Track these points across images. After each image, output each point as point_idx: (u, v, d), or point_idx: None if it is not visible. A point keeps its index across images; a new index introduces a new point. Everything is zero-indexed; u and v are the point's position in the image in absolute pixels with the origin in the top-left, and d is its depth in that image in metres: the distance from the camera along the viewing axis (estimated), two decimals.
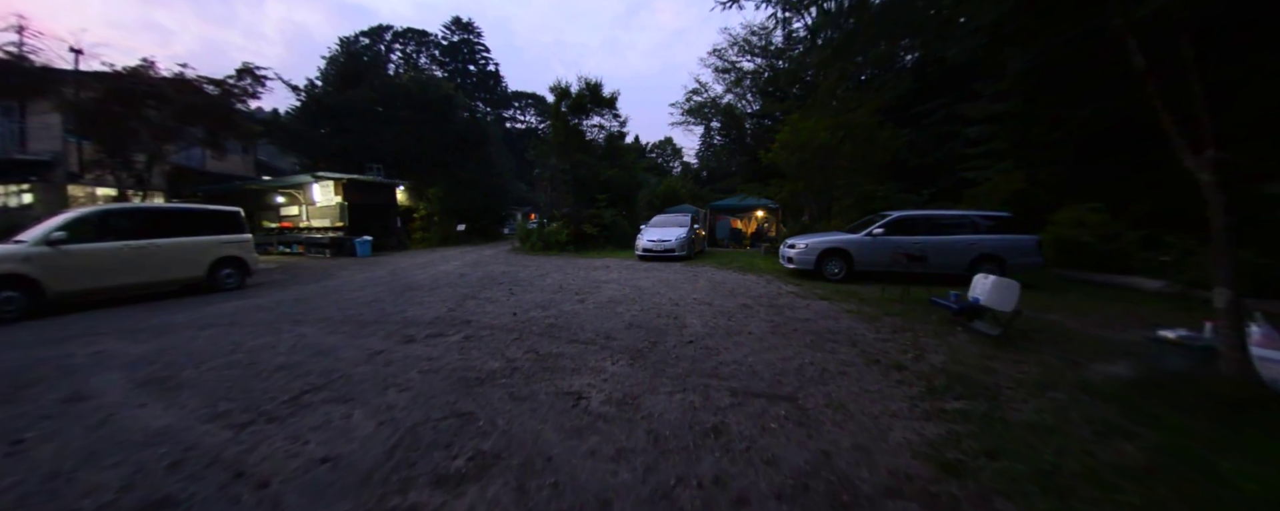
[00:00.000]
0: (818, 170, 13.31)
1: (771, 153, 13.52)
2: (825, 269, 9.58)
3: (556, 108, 22.51)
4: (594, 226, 17.78)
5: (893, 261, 8.32)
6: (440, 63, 60.60)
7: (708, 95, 33.53)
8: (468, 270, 12.11)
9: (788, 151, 12.83)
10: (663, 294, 7.98)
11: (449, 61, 61.77)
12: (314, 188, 18.73)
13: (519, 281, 9.83)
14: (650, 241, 13.94)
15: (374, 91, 26.09)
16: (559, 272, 11.25)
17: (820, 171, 13.32)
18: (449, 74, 58.81)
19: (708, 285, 9.02)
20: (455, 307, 6.93)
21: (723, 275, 10.59)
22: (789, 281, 9.47)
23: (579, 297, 7.66)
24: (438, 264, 14.02)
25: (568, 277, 10.28)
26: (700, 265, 12.69)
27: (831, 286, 8.86)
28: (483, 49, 64.34)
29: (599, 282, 9.44)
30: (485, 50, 64.59)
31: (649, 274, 10.78)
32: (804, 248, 9.69)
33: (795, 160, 12.80)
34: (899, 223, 9.60)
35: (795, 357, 4.40)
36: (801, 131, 12.48)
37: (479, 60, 64.51)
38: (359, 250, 17.66)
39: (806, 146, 12.54)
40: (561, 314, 6.38)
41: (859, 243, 9.49)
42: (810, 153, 12.58)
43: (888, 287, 8.24)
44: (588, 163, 21.06)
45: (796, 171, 13.26)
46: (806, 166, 12.99)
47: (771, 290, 8.42)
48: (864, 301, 7.40)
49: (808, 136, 12.38)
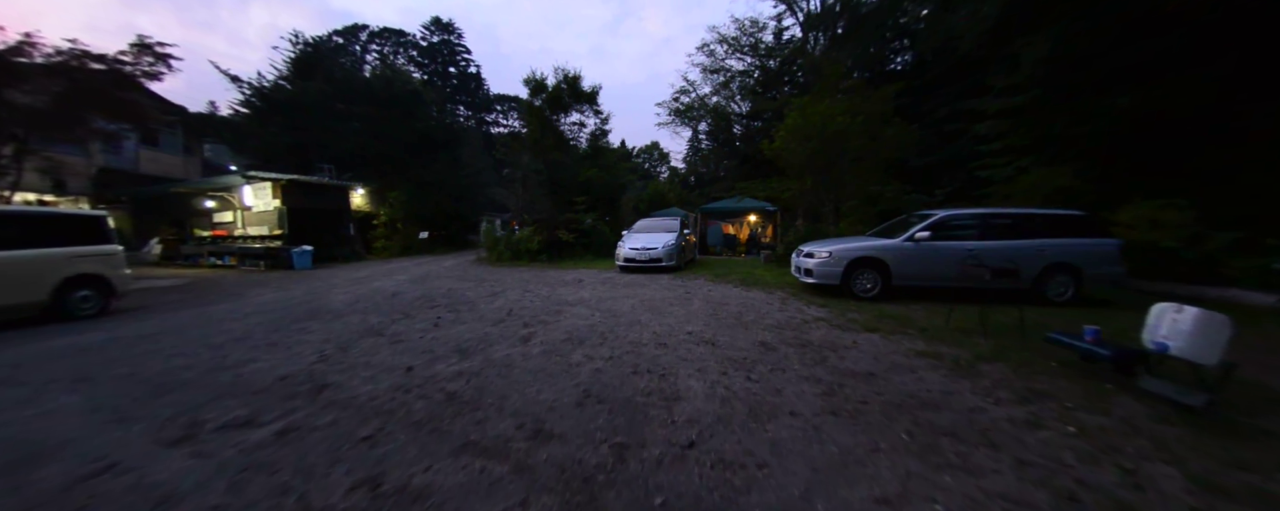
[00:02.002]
0: (827, 164, 11.25)
1: (775, 143, 11.38)
2: (854, 284, 7.44)
3: (531, 102, 20.32)
4: (570, 233, 15.53)
5: (964, 275, 6.20)
6: (419, 64, 58.38)
7: (696, 94, 31.62)
8: (406, 287, 9.79)
9: (796, 140, 10.71)
10: (645, 323, 5.76)
11: (428, 63, 59.56)
12: (245, 190, 16.26)
13: (459, 304, 7.54)
14: (633, 250, 11.74)
15: (331, 85, 23.68)
16: (518, 290, 8.97)
17: (831, 166, 11.25)
18: (428, 76, 56.80)
19: (705, 308, 6.82)
20: (333, 354, 4.64)
21: (722, 291, 8.41)
22: (809, 300, 7.31)
23: (526, 333, 5.40)
24: (378, 279, 11.67)
25: (525, 298, 8.01)
26: (692, 277, 10.51)
27: (868, 308, 6.70)
28: (463, 50, 62.16)
29: (562, 305, 7.19)
30: (466, 52, 62.40)
31: (629, 291, 8.56)
32: (827, 257, 7.53)
33: (805, 151, 10.69)
34: (947, 224, 7.50)
35: (903, 488, 2.20)
36: (812, 116, 10.37)
37: (459, 62, 62.32)
38: (296, 262, 15.22)
39: (817, 134, 10.43)
40: (485, 367, 4.12)
41: (898, 250, 7.37)
42: (823, 142, 10.48)
43: (953, 309, 6.09)
44: (565, 162, 18.86)
45: (805, 165, 11.17)
46: (816, 159, 10.90)
47: (792, 315, 6.24)
48: (929, 334, 5.24)
49: (820, 121, 10.27)
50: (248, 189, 16.23)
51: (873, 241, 7.71)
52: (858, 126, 10.46)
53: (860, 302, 7.16)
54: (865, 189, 13.25)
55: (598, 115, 22.33)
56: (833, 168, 11.13)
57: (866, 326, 5.53)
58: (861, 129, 11.08)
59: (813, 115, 10.37)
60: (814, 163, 10.97)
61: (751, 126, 30.57)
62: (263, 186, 16.79)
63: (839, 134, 10.35)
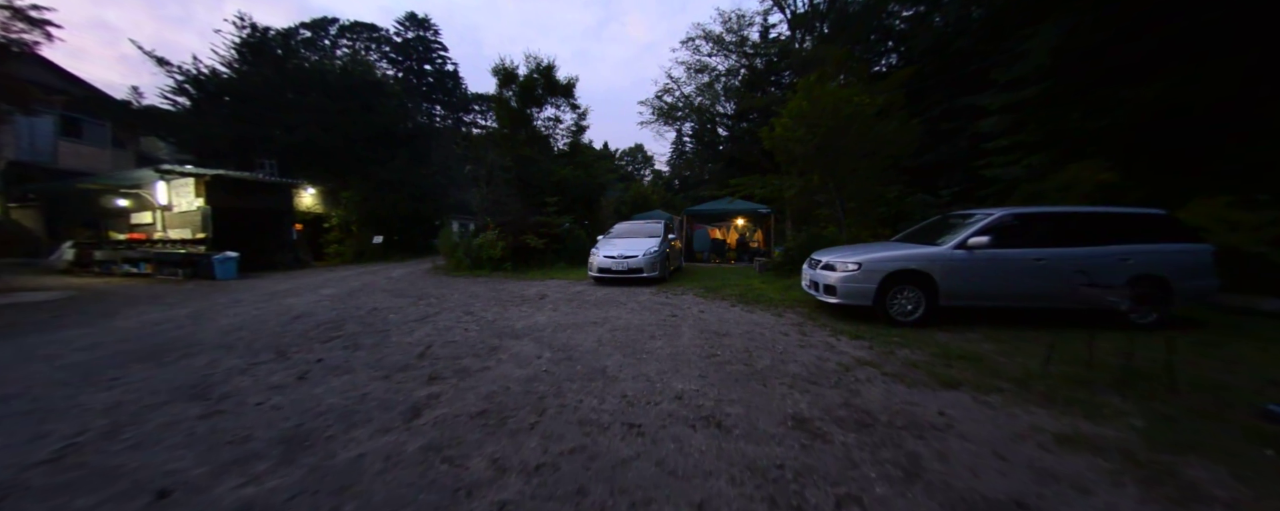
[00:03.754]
0: (836, 157, 9.56)
1: (776, 131, 9.60)
2: (890, 304, 5.70)
3: (500, 94, 18.41)
4: (540, 237, 13.62)
5: (1076, 296, 4.49)
6: (393, 61, 55.98)
7: (680, 93, 30.06)
8: (322, 306, 7.81)
9: (803, 126, 8.96)
10: (613, 375, 3.92)
11: (403, 60, 57.14)
12: (159, 187, 14.02)
13: (365, 335, 5.61)
14: (609, 258, 9.89)
15: (281, 73, 21.47)
16: (457, 311, 7.06)
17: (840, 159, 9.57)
18: (403, 73, 54.60)
19: (699, 342, 4.99)
20: (75, 448, 2.72)
21: (718, 312, 6.61)
22: (834, 327, 5.54)
23: (423, 396, 3.50)
24: (301, 293, 9.65)
25: (459, 325, 6.11)
26: (679, 291, 8.70)
27: (918, 340, 4.94)
28: (439, 48, 59.75)
29: (504, 338, 5.31)
30: (442, 49, 59.99)
31: (600, 313, 6.70)
32: (855, 270, 5.77)
33: (813, 140, 8.94)
34: (1010, 226, 5.82)
35: None
36: (823, 97, 8.61)
37: (435, 60, 59.93)
38: (217, 271, 13.04)
39: (828, 120, 8.70)
40: (299, 494, 2.25)
41: (947, 260, 5.65)
42: (835, 128, 8.75)
43: (1053, 347, 4.37)
44: (537, 160, 16.95)
45: (812, 157, 9.44)
46: (825, 151, 9.18)
47: (821, 355, 4.45)
48: (1034, 388, 3.49)
49: (832, 103, 8.53)
50: (162, 185, 14.00)
51: (910, 249, 5.98)
52: (874, 111, 8.78)
53: (902, 330, 5.42)
54: (871, 189, 11.62)
55: (575, 110, 20.52)
56: (841, 162, 9.44)
57: (938, 376, 3.77)
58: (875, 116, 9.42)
59: (823, 97, 8.63)
60: (822, 155, 9.25)
61: (738, 127, 29.17)
62: (184, 183, 14.56)
63: (853, 119, 8.66)
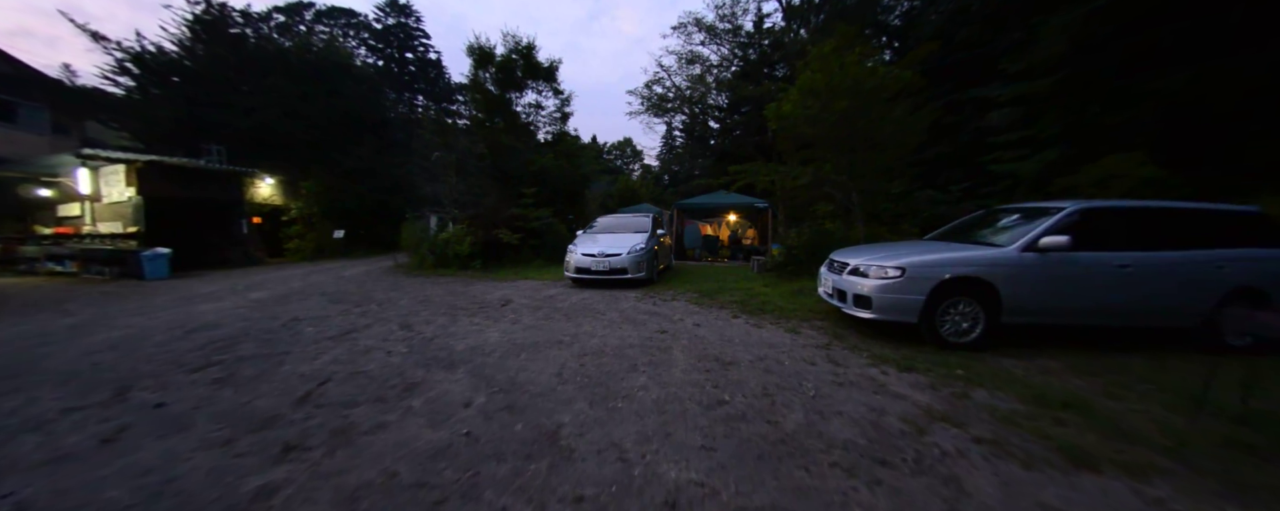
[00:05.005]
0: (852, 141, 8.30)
1: (784, 108, 8.22)
2: (941, 321, 4.45)
3: (475, 76, 16.91)
4: (514, 233, 12.24)
5: (1226, 325, 3.32)
6: (373, 48, 53.99)
7: (671, 82, 28.75)
8: (232, 317, 6.40)
9: (817, 103, 7.61)
10: (571, 443, 2.60)
11: (383, 47, 55.08)
12: (79, 174, 12.38)
13: (256, 358, 4.23)
14: (588, 256, 8.55)
15: (239, 53, 19.75)
16: (393, 323, 5.69)
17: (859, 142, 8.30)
18: (384, 62, 52.72)
19: (697, 375, 3.69)
20: None
21: (718, 326, 5.33)
22: (871, 352, 4.25)
23: (258, 491, 2.18)
24: (225, 296, 8.22)
25: (384, 345, 4.75)
26: (669, 296, 7.41)
27: (990, 372, 3.67)
28: (421, 35, 57.67)
29: (433, 367, 3.97)
30: (424, 36, 57.91)
31: (570, 327, 5.38)
32: (897, 277, 4.49)
33: (830, 119, 7.61)
34: (1081, 225, 4.59)
35: None
36: (844, 69, 7.23)
37: (417, 48, 57.86)
38: (147, 270, 11.51)
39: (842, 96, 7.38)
40: None
41: (1014, 266, 4.40)
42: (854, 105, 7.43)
43: (1210, 383, 3.14)
44: (516, 147, 15.49)
45: (827, 141, 8.15)
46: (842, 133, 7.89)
47: (869, 401, 3.16)
48: (1197, 466, 2.25)
49: (852, 77, 7.19)
50: (84, 173, 12.35)
51: (965, 251, 4.72)
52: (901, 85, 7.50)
53: (958, 355, 4.17)
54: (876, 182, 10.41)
55: (558, 95, 19.05)
56: (859, 146, 8.17)
57: (1055, 444, 2.51)
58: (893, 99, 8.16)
59: (842, 67, 7.28)
60: (838, 137, 7.95)
61: (730, 119, 27.98)
62: (114, 171, 12.94)
63: (876, 95, 7.37)
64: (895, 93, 7.75)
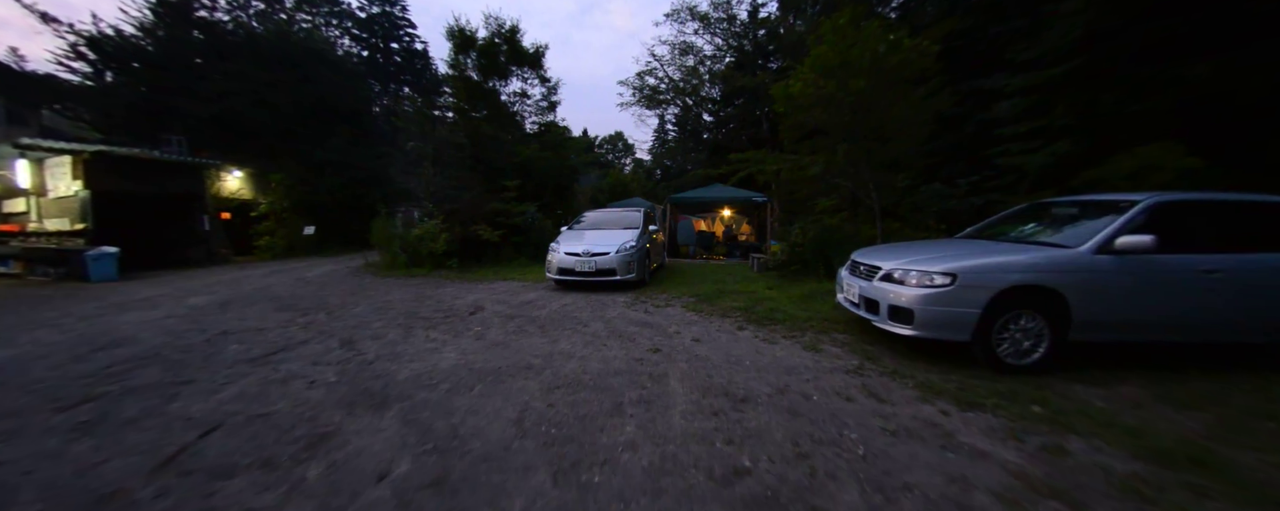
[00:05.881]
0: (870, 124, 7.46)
1: (793, 87, 7.32)
2: (995, 337, 3.63)
3: (455, 61, 15.89)
4: (495, 229, 11.33)
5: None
6: (357, 38, 52.40)
7: (664, 73, 27.84)
8: (152, 330, 5.49)
9: (832, 81, 6.71)
10: None
11: (367, 37, 53.48)
12: (17, 166, 11.30)
13: (147, 390, 3.35)
14: (572, 255, 7.69)
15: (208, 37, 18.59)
16: (332, 341, 4.80)
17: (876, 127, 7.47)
18: (369, 52, 51.24)
19: (702, 421, 2.84)
20: None
21: (723, 343, 4.50)
22: (919, 380, 3.41)
23: None
24: (161, 303, 7.29)
25: (313, 370, 3.87)
26: (662, 301, 6.57)
27: (1076, 409, 2.83)
28: (407, 24, 56.07)
29: (357, 407, 3.09)
30: (410, 26, 56.30)
31: (545, 344, 4.52)
32: (947, 285, 3.64)
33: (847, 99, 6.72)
34: (1170, 221, 3.79)
35: None
36: (864, 41, 6.31)
37: (402, 38, 56.28)
38: (92, 271, 10.52)
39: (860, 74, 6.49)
40: None
41: (1086, 270, 3.60)
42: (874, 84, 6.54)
43: None
44: (499, 137, 14.53)
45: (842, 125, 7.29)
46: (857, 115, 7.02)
47: (949, 467, 2.32)
48: None
49: (872, 50, 6.29)
50: (23, 165, 11.27)
51: (1023, 253, 3.89)
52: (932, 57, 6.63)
53: (1027, 382, 3.36)
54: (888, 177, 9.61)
55: (545, 83, 18.08)
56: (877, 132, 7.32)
57: None
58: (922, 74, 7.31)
59: (866, 39, 6.39)
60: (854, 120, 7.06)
61: (724, 111, 27.13)
62: (59, 163, 11.88)
63: (901, 71, 6.51)
64: (918, 72, 6.90)
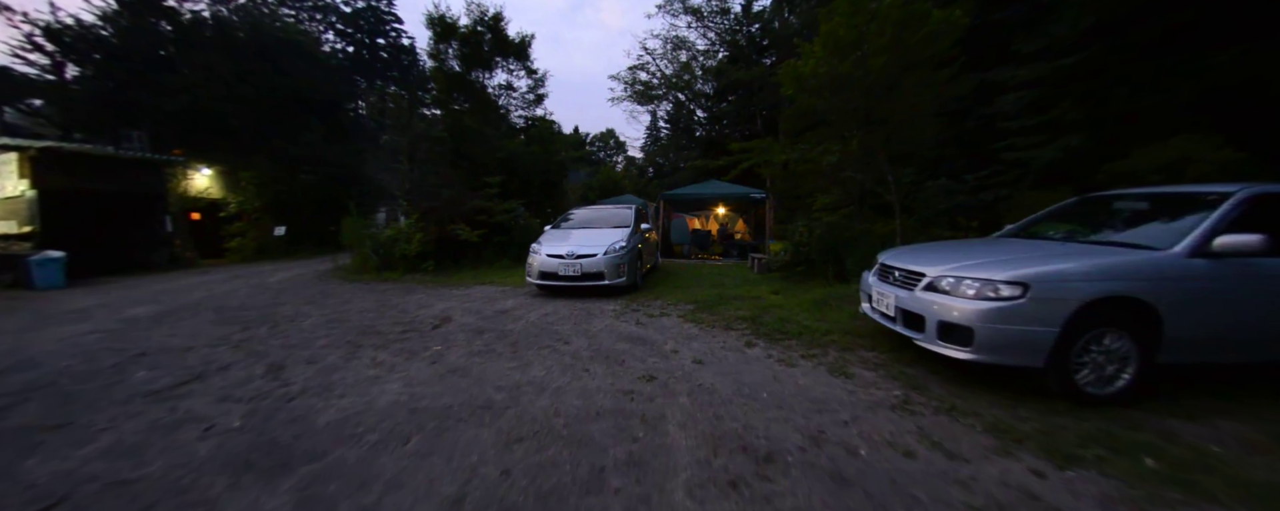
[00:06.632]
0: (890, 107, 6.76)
1: (804, 67, 6.56)
2: (1074, 362, 2.91)
3: (436, 51, 15.07)
4: (475, 229, 10.54)
5: None
6: (342, 33, 51.14)
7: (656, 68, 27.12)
8: (55, 351, 4.68)
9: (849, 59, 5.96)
10: None
11: (352, 32, 52.23)
12: None
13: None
14: (555, 257, 6.92)
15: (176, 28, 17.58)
16: (259, 367, 4.02)
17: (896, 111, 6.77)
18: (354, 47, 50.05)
19: (718, 506, 2.15)
20: None
21: (732, 368, 3.77)
22: (988, 421, 2.66)
23: None
24: (93, 314, 6.47)
25: (211, 411, 3.09)
26: (657, 310, 5.84)
27: (1214, 470, 2.12)
28: (392, 19, 54.78)
29: (254, 468, 2.34)
30: (396, 20, 54.98)
31: (513, 372, 3.77)
32: (1017, 295, 2.87)
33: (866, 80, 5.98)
34: (1266, 217, 3.10)
35: None
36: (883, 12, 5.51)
37: (388, 33, 55.05)
38: (36, 277, 9.65)
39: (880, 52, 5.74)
40: None
41: (1179, 276, 2.89)
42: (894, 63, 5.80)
43: None
44: (482, 131, 13.72)
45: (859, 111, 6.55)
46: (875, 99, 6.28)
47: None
48: None
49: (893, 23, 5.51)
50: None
51: (1094, 257, 3.15)
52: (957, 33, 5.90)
53: (1116, 420, 2.65)
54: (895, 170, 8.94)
55: (531, 74, 17.29)
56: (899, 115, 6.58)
57: None
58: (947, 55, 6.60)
59: (887, 8, 5.60)
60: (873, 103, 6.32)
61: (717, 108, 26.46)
62: (5, 161, 10.96)
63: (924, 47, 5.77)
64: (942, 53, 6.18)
